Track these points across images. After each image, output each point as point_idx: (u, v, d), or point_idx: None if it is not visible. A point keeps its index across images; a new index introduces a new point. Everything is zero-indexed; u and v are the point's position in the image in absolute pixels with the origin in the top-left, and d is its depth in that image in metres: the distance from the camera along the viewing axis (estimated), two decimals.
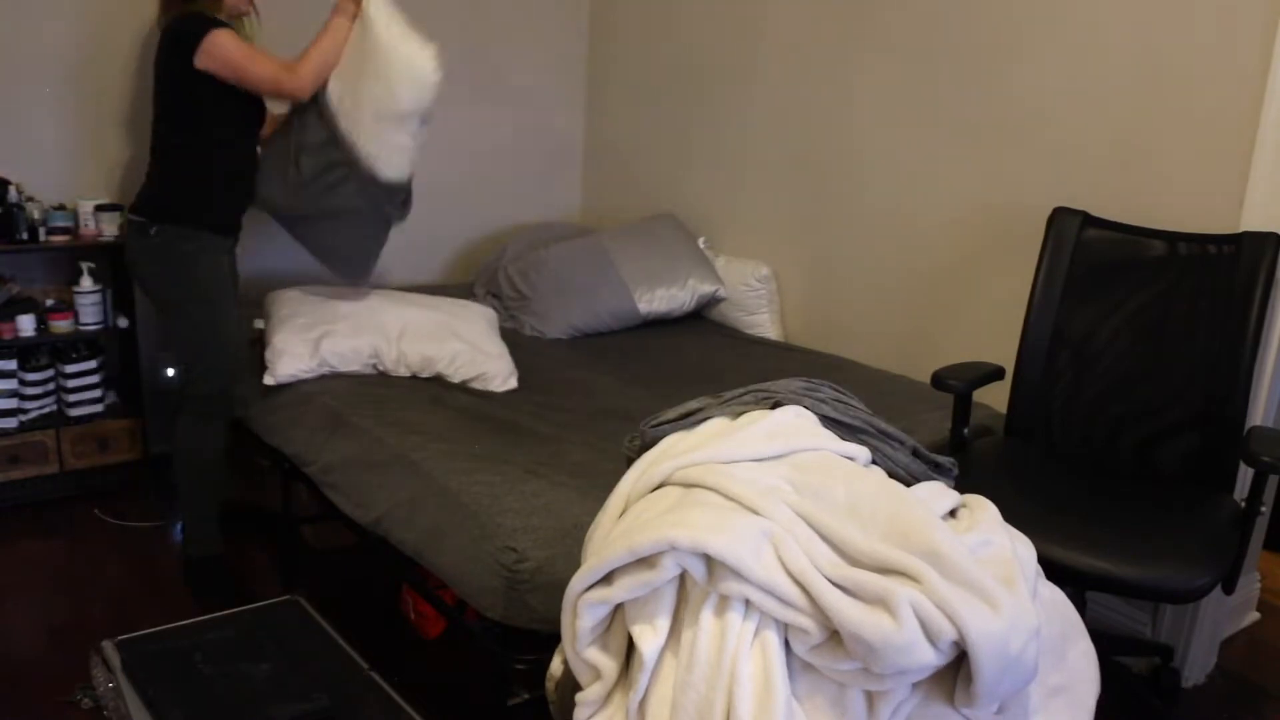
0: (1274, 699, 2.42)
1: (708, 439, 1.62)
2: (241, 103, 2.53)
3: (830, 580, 1.34)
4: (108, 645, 1.93)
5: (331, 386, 2.58)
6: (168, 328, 2.69)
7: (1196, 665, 2.45)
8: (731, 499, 1.45)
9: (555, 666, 1.64)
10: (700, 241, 3.50)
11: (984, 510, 1.57)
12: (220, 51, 2.40)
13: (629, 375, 2.84)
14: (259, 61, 2.46)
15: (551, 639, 1.76)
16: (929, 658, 1.30)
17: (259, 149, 2.69)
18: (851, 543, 1.38)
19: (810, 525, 1.41)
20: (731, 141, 3.48)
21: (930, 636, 1.30)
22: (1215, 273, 2.20)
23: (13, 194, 2.87)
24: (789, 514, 1.42)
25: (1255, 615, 2.74)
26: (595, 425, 2.44)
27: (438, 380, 2.68)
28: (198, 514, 2.62)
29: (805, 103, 3.21)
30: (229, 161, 2.58)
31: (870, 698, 1.35)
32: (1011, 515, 1.79)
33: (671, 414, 1.71)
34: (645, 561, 1.39)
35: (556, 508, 1.94)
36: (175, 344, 2.71)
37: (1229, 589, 1.98)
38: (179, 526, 2.94)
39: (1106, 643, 2.34)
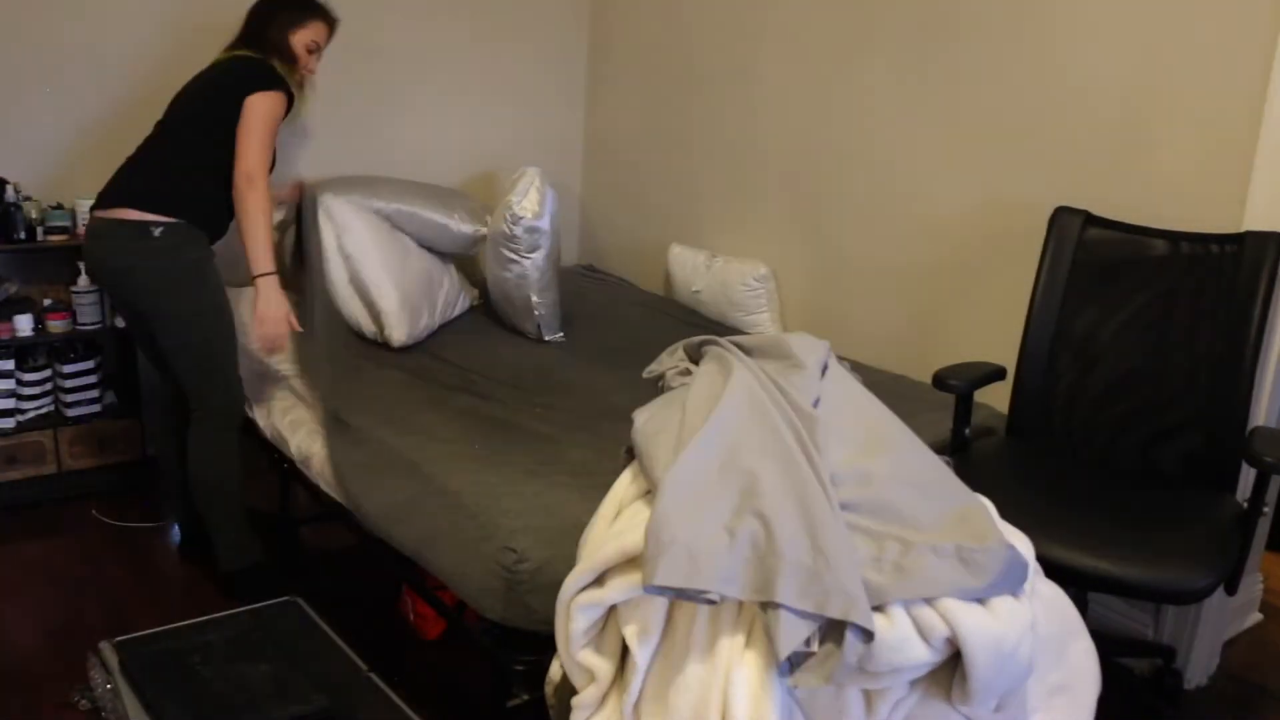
0: (1277, 700, 2.41)
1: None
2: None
3: None
4: (106, 646, 1.92)
5: (332, 389, 2.58)
6: (171, 342, 2.47)
7: (1199, 667, 2.44)
8: None
9: (554, 671, 1.63)
10: None
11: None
12: (259, 112, 2.43)
13: (630, 375, 2.84)
14: (262, 145, 2.44)
15: (551, 640, 1.75)
16: (923, 655, 1.29)
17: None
18: None
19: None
20: (731, 140, 3.47)
21: (923, 633, 1.29)
22: (1218, 272, 2.19)
23: (10, 193, 2.86)
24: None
25: (1258, 616, 2.73)
26: (595, 425, 2.43)
27: (436, 380, 2.68)
28: (233, 525, 2.57)
29: (805, 102, 3.20)
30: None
31: (868, 696, 1.34)
32: (1013, 516, 1.79)
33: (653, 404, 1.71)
34: (637, 562, 1.38)
35: (556, 508, 1.94)
36: (183, 359, 2.48)
37: (1231, 590, 1.97)
38: (176, 527, 2.94)
39: (1108, 644, 2.33)
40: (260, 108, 2.44)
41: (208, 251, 2.49)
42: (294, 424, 2.58)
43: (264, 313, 2.44)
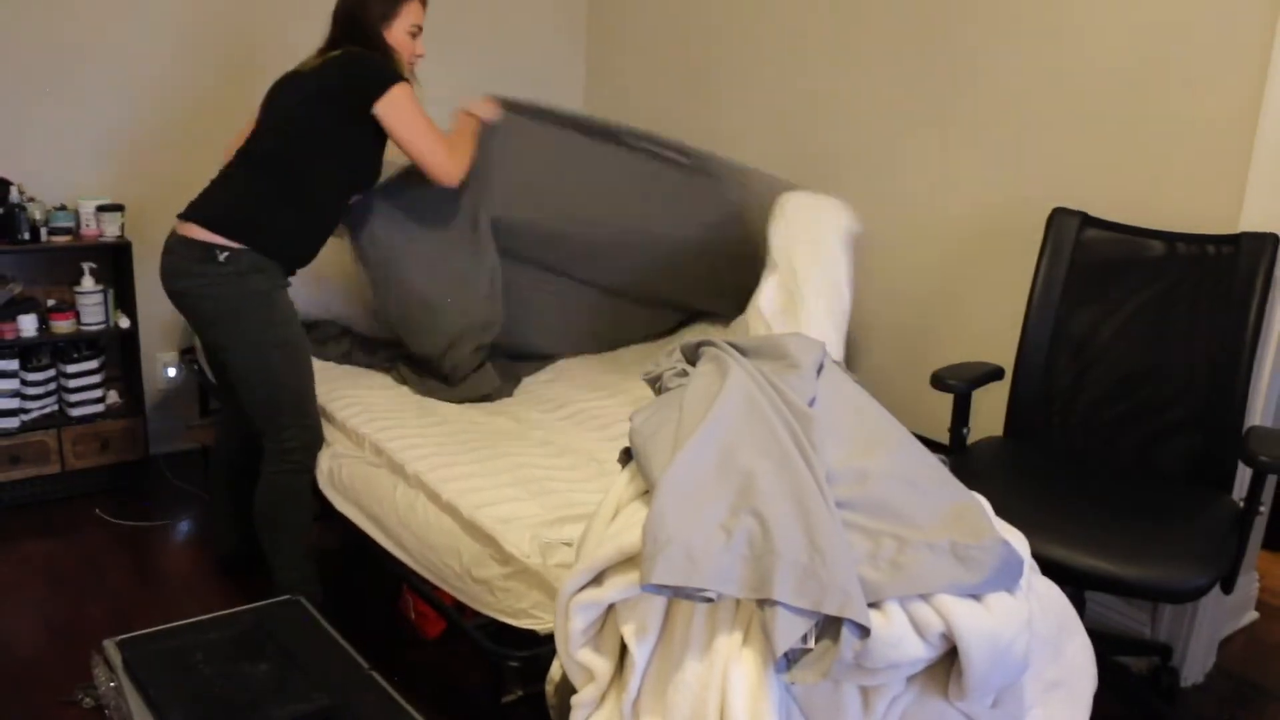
0: (1273, 698, 2.42)
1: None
2: (375, 160, 2.43)
3: None
4: (109, 644, 1.93)
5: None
6: (234, 374, 2.32)
7: (1195, 665, 2.45)
8: None
9: (554, 670, 1.64)
10: None
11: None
12: (403, 107, 2.30)
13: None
14: (434, 132, 2.36)
15: (547, 637, 1.76)
16: (918, 651, 1.30)
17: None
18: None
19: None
20: (729, 140, 3.48)
21: (919, 629, 1.30)
22: (1214, 273, 2.20)
23: (14, 194, 2.88)
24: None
25: (1254, 615, 2.74)
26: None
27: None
28: (294, 562, 2.39)
29: (804, 103, 3.21)
30: (333, 210, 2.42)
31: (865, 693, 1.35)
32: (1011, 515, 1.79)
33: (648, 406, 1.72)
34: (635, 561, 1.39)
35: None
36: (246, 393, 2.32)
37: (1228, 589, 1.98)
38: (181, 526, 2.95)
39: (1105, 642, 2.34)
40: (403, 111, 2.31)
41: (278, 283, 2.31)
42: None
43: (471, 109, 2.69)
